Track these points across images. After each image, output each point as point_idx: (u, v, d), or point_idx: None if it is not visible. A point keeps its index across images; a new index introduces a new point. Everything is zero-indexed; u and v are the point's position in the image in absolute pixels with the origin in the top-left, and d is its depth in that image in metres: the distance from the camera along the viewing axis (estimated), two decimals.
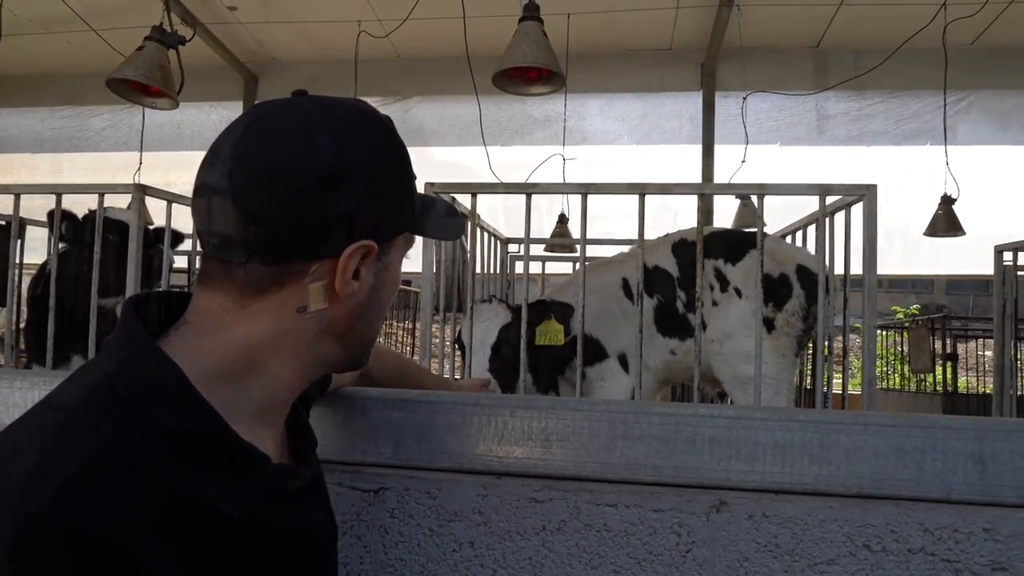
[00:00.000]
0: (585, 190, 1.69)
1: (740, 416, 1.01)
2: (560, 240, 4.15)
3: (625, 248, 2.94)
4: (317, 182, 0.66)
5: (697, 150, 5.57)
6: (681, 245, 2.57)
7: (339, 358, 0.77)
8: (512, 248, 3.26)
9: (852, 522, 0.94)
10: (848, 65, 4.81)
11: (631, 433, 1.02)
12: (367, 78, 5.68)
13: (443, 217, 0.85)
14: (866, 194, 1.58)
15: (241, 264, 0.67)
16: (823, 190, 1.58)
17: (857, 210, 1.64)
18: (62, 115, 6.29)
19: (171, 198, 2.05)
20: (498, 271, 3.11)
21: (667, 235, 2.72)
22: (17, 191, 1.95)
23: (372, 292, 0.75)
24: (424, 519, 1.04)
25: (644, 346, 2.47)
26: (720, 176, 5.25)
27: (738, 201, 4.51)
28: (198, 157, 0.70)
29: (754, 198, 4.69)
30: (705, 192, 1.60)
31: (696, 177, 5.61)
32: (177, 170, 5.85)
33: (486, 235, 2.63)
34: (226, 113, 6.02)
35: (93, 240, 1.89)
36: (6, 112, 6.27)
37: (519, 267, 3.35)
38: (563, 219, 4.70)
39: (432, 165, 5.83)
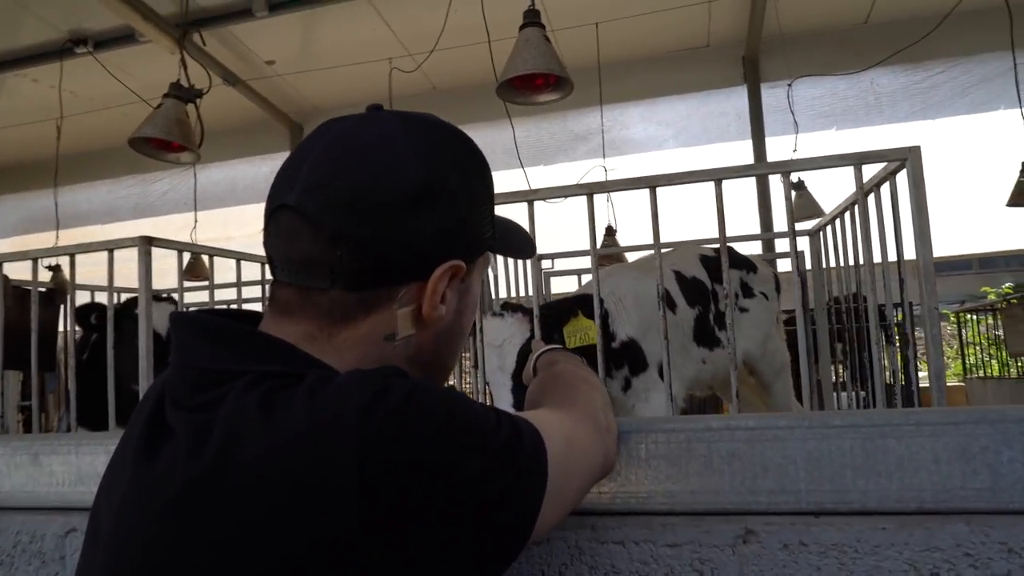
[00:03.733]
0: (591, 190, 1.55)
1: (762, 426, 0.84)
2: (610, 250, 3.99)
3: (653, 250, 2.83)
4: (406, 200, 0.61)
5: (748, 146, 5.31)
6: (706, 259, 2.73)
7: None
8: (546, 264, 3.13)
9: (914, 546, 0.76)
10: (901, 37, 4.47)
11: (635, 455, 0.88)
12: None
13: (516, 234, 0.81)
14: (909, 157, 1.36)
15: (324, 291, 0.62)
16: (858, 159, 1.37)
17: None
18: (127, 184, 6.60)
19: (180, 247, 2.04)
20: (531, 291, 2.98)
21: (687, 245, 2.84)
22: (35, 255, 1.98)
23: (456, 316, 0.70)
24: None
25: (680, 356, 2.32)
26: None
27: (793, 192, 4.25)
28: (254, 210, 0.65)
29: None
30: (721, 177, 1.43)
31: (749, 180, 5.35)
32: (234, 224, 6.01)
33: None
34: (276, 164, 6.16)
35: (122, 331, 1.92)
36: (78, 188, 6.62)
37: (555, 284, 3.21)
38: (611, 231, 4.53)
39: None
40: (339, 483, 0.48)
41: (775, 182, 5.06)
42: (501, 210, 1.88)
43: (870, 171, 1.55)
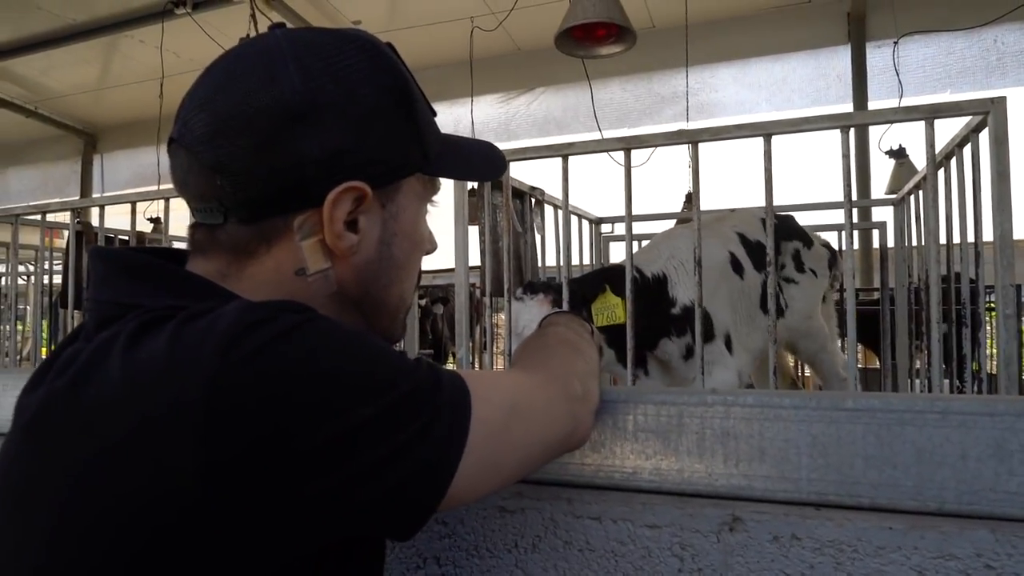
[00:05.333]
0: (627, 145, 1.45)
1: (764, 404, 0.75)
2: (685, 214, 3.81)
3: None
4: (285, 118, 0.56)
5: (848, 111, 4.92)
6: (765, 224, 2.47)
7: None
8: (606, 228, 3.02)
9: (925, 550, 0.66)
10: None
11: (622, 427, 0.81)
12: (490, 74, 5.66)
13: (473, 156, 0.72)
14: (991, 111, 1.17)
15: (221, 226, 0.59)
16: (930, 112, 1.19)
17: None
18: None
19: None
20: (592, 258, 2.89)
21: (745, 209, 2.70)
22: (133, 199, 2.09)
23: (381, 247, 0.63)
24: None
25: (747, 326, 2.19)
26: (875, 136, 4.59)
27: (892, 161, 3.90)
28: None
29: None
30: (771, 132, 1.29)
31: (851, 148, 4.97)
32: None
33: (559, 212, 2.39)
34: None
35: None
36: None
37: (614, 250, 3.09)
38: (691, 199, 4.34)
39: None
40: (184, 425, 0.44)
41: (874, 148, 4.67)
42: (535, 165, 1.80)
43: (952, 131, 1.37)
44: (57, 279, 4.01)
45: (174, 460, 0.44)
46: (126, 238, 2.56)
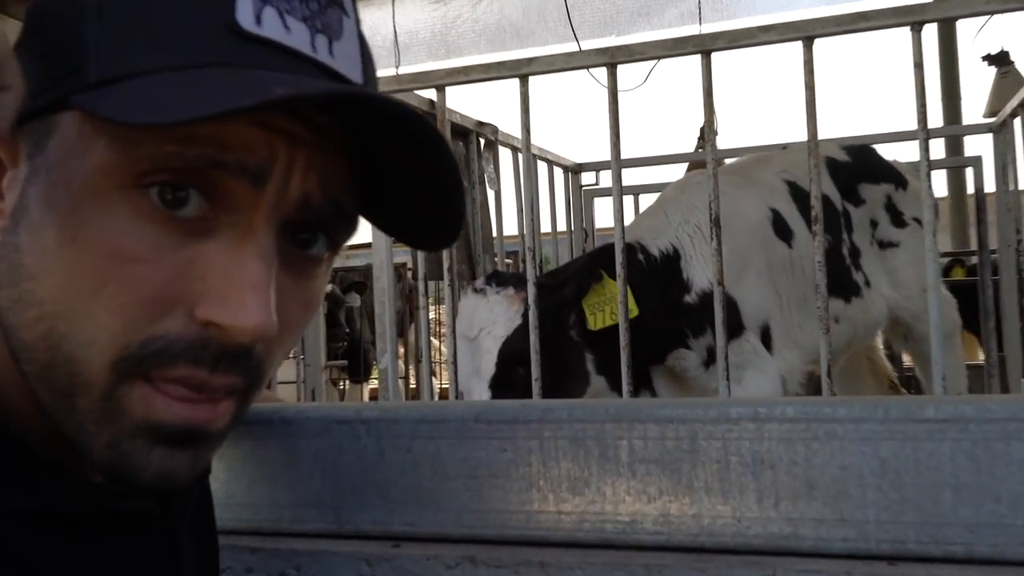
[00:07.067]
0: (612, 58, 1.38)
1: (811, 417, 0.73)
2: (698, 156, 3.78)
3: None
4: None
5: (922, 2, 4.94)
6: (835, 165, 2.42)
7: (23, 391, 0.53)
8: (587, 178, 2.97)
9: None
10: None
11: (612, 455, 0.77)
12: None
13: (202, 83, 0.45)
14: None
15: None
16: None
17: None
18: None
19: None
20: (570, 220, 2.87)
21: (800, 145, 2.58)
22: None
23: (10, 223, 0.49)
24: None
25: (801, 313, 2.16)
26: (967, 38, 4.61)
27: (993, 69, 3.83)
28: None
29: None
30: (813, 34, 1.24)
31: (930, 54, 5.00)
32: None
33: (520, 157, 2.29)
34: None
35: None
36: None
37: (599, 208, 3.04)
38: (705, 134, 4.32)
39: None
40: None
41: (965, 52, 4.66)
42: (484, 93, 1.74)
43: None
44: None
45: None
46: None
